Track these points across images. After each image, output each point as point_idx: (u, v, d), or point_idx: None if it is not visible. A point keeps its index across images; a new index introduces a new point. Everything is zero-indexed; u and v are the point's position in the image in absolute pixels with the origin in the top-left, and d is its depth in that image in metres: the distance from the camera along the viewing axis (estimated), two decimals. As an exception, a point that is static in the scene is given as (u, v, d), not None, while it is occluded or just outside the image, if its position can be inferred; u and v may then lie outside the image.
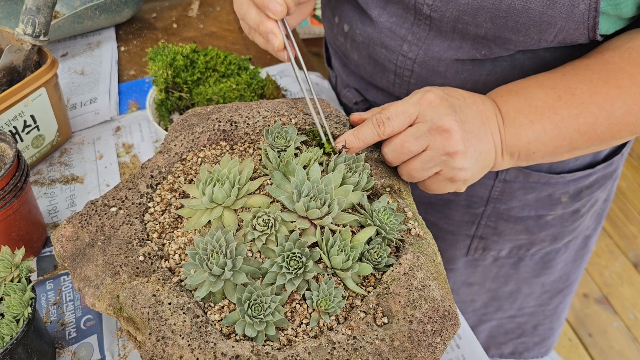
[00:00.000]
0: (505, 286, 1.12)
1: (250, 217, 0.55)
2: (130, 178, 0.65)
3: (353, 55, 0.88)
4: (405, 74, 0.80)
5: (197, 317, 0.51)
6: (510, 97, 0.68)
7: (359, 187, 0.61)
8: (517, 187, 0.91)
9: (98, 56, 1.13)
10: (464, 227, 1.00)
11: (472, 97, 0.68)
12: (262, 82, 0.94)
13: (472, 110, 0.66)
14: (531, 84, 0.69)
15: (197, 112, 0.72)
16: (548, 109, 0.66)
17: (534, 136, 0.67)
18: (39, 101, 0.83)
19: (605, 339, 1.93)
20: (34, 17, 0.79)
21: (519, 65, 0.74)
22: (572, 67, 0.68)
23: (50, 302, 0.72)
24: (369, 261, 0.56)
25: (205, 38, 1.21)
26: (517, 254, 1.04)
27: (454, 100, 0.65)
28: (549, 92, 0.67)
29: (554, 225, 0.99)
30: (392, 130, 0.64)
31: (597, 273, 2.14)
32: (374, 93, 0.91)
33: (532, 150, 0.68)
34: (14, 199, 0.67)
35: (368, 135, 0.65)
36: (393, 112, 0.64)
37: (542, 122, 0.66)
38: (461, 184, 0.68)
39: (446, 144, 0.63)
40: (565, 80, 0.67)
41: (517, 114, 0.67)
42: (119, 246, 0.58)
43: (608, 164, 0.92)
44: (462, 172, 0.65)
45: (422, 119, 0.63)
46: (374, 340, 0.51)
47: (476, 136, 0.65)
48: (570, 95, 0.66)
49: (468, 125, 0.64)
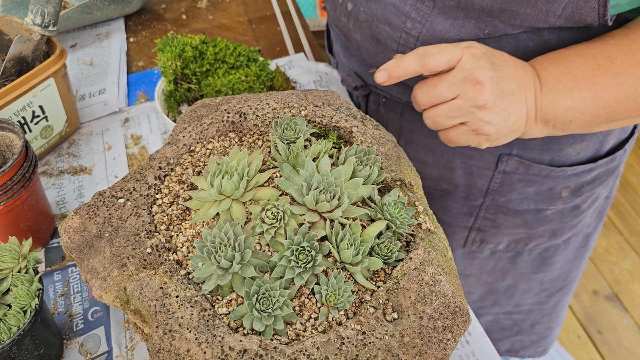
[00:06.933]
0: (502, 280, 1.11)
1: (259, 209, 0.54)
2: (138, 169, 0.64)
3: (355, 36, 0.88)
4: (407, 52, 0.79)
5: (204, 311, 0.51)
6: (550, 65, 0.68)
7: (370, 181, 0.60)
8: (516, 179, 0.90)
9: (107, 47, 1.13)
10: (461, 218, 0.99)
11: (514, 60, 0.68)
12: (272, 73, 0.93)
13: (510, 72, 0.66)
14: (571, 52, 0.69)
15: (205, 103, 0.72)
16: (587, 77, 0.66)
17: (572, 104, 0.67)
18: (47, 92, 0.82)
19: (614, 336, 1.91)
20: (43, 7, 0.79)
21: (522, 48, 0.73)
22: (612, 37, 0.68)
23: (57, 293, 0.71)
24: (379, 256, 0.56)
25: (215, 29, 1.20)
26: (515, 248, 1.03)
27: (495, 59, 0.66)
28: (589, 60, 0.67)
29: (554, 220, 0.98)
30: (435, 65, 0.65)
31: (607, 270, 2.12)
32: (372, 76, 0.90)
33: (568, 119, 0.68)
34: (22, 190, 0.67)
35: (411, 64, 0.65)
36: (442, 48, 0.65)
37: (581, 91, 0.66)
38: (483, 139, 0.68)
39: (477, 96, 0.64)
40: (605, 50, 0.66)
41: (556, 81, 0.67)
42: (126, 238, 0.57)
43: (610, 159, 0.91)
44: (487, 126, 0.66)
45: (461, 67, 0.65)
46: (384, 335, 0.50)
47: (509, 97, 0.65)
48: (609, 65, 0.65)
49: (503, 84, 0.65)
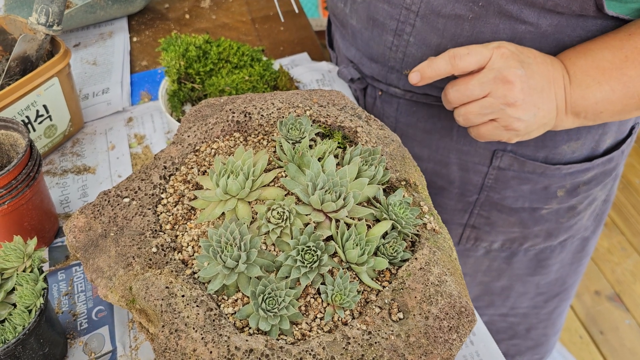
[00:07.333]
0: (498, 281, 1.11)
1: (265, 209, 0.54)
2: (143, 169, 0.64)
3: (352, 21, 0.88)
4: (406, 30, 0.79)
5: (210, 310, 0.51)
6: (578, 59, 0.70)
7: (375, 181, 0.60)
8: (511, 175, 0.90)
9: (110, 46, 1.12)
10: (456, 215, 1.00)
11: (543, 57, 0.70)
12: (275, 73, 0.93)
13: (539, 69, 0.68)
14: (598, 45, 0.70)
15: (210, 103, 0.71)
16: (616, 69, 0.67)
17: (602, 96, 0.68)
18: (51, 91, 0.82)
19: (616, 336, 1.91)
20: (47, 7, 0.79)
21: (518, 38, 0.73)
22: (638, 27, 0.68)
23: (62, 292, 0.71)
24: (385, 255, 0.56)
25: (218, 29, 1.20)
26: (510, 247, 1.03)
27: (524, 57, 0.68)
28: (616, 52, 0.68)
29: (549, 220, 0.98)
30: (466, 66, 0.67)
31: (609, 270, 2.12)
32: (369, 66, 0.91)
33: (599, 110, 0.70)
34: (26, 189, 0.67)
35: (441, 66, 0.68)
36: (472, 49, 0.67)
37: (610, 83, 0.68)
38: (513, 135, 0.71)
39: (507, 94, 0.66)
40: (632, 40, 0.67)
41: (584, 75, 0.69)
42: (131, 237, 0.57)
43: (607, 159, 0.91)
44: (517, 122, 0.68)
45: (491, 66, 0.67)
46: (390, 335, 0.50)
47: (539, 93, 0.67)
48: (637, 55, 0.67)
49: (533, 81, 0.67)
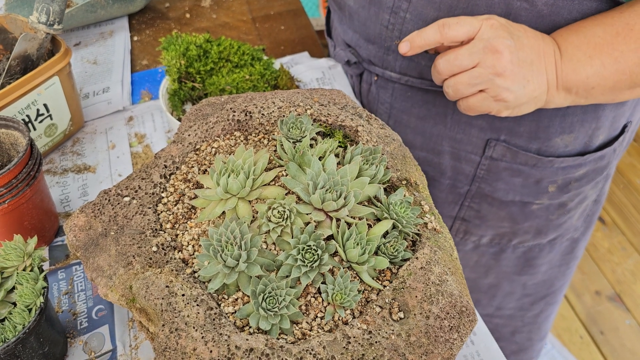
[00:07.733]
0: (485, 278, 1.11)
1: (265, 208, 0.54)
2: (143, 168, 0.64)
3: (349, 2, 0.89)
4: (402, 6, 0.80)
5: (210, 309, 0.51)
6: (569, 35, 0.70)
7: (376, 180, 0.60)
8: (503, 166, 0.90)
9: (111, 46, 1.12)
10: (447, 207, 1.00)
11: (534, 32, 0.71)
12: (276, 72, 0.93)
13: (530, 42, 0.69)
14: (590, 22, 0.70)
15: (211, 102, 0.71)
16: (607, 45, 0.68)
17: (593, 71, 0.69)
18: (52, 90, 0.82)
19: (617, 336, 1.91)
20: (48, 6, 0.79)
21: (513, 15, 0.74)
22: (630, 5, 0.69)
23: (62, 291, 0.71)
24: (385, 255, 0.56)
25: (218, 28, 1.20)
26: (499, 243, 1.03)
27: (514, 30, 0.68)
28: (607, 28, 0.68)
29: (539, 216, 0.98)
30: (455, 34, 0.68)
31: (609, 270, 2.12)
32: (366, 48, 0.92)
33: (590, 85, 0.70)
34: (26, 188, 0.67)
35: (431, 35, 0.69)
36: (461, 19, 0.67)
37: (601, 57, 0.68)
38: (502, 106, 0.71)
39: (496, 63, 0.66)
40: (624, 17, 0.68)
41: (575, 50, 0.69)
42: (132, 236, 0.57)
43: (599, 156, 0.91)
44: (506, 92, 0.68)
45: (480, 36, 0.67)
46: (390, 335, 0.50)
47: (528, 65, 0.68)
48: (628, 31, 0.67)
49: (522, 53, 0.68)
